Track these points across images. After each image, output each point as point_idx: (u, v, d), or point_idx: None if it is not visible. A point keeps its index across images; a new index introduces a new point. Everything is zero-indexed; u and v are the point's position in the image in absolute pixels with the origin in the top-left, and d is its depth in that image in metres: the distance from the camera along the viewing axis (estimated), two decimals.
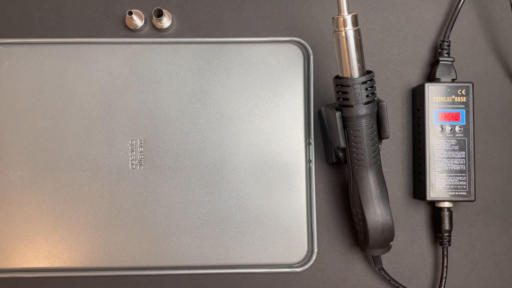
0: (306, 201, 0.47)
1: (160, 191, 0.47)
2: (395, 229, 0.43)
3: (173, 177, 0.47)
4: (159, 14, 0.47)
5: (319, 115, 0.48)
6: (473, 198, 0.46)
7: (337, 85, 0.41)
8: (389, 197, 0.44)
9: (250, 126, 0.47)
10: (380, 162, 0.43)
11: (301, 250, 0.47)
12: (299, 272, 0.47)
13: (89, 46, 0.47)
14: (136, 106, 0.47)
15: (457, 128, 0.46)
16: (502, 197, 0.49)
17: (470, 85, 0.46)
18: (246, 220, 0.46)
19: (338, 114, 0.41)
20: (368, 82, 0.40)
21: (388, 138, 0.43)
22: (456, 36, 0.49)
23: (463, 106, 0.46)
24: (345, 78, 0.40)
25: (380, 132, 0.42)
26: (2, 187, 0.46)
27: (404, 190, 0.49)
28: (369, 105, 0.41)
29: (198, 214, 0.46)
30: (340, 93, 0.41)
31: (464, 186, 0.46)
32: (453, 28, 0.48)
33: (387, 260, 0.48)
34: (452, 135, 0.46)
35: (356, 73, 0.40)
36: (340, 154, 0.44)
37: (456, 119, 0.46)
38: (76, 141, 0.47)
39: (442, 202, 0.46)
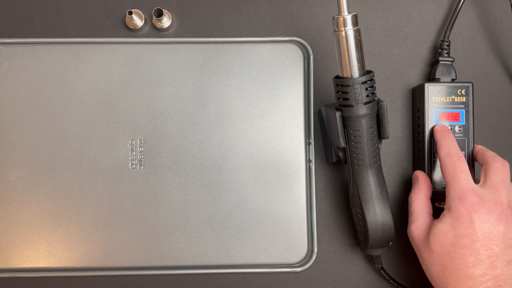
0: (306, 201, 0.47)
1: (160, 191, 0.47)
2: (395, 229, 0.43)
3: (173, 177, 0.47)
4: (159, 14, 0.47)
5: (319, 115, 0.48)
6: None
7: (337, 85, 0.41)
8: (389, 197, 0.44)
9: (250, 126, 0.47)
10: (380, 162, 0.43)
11: (301, 250, 0.47)
12: (299, 272, 0.47)
13: (89, 46, 0.47)
14: (136, 106, 0.47)
15: (456, 128, 0.46)
16: None
17: (470, 85, 0.46)
18: (246, 220, 0.46)
19: (338, 114, 0.41)
20: (368, 82, 0.40)
21: (388, 138, 0.43)
22: (456, 36, 0.49)
23: (462, 106, 0.46)
24: (345, 78, 0.40)
25: (380, 132, 0.42)
26: (2, 187, 0.46)
27: (404, 190, 0.49)
28: (369, 105, 0.41)
29: (198, 214, 0.46)
30: (340, 93, 0.41)
31: None
32: (453, 28, 0.48)
33: (387, 260, 0.48)
34: None
35: (356, 73, 0.40)
36: (340, 154, 0.44)
37: (456, 119, 0.46)
38: (76, 141, 0.47)
39: (442, 202, 0.46)
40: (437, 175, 0.46)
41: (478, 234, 0.39)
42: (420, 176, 0.45)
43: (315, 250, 0.47)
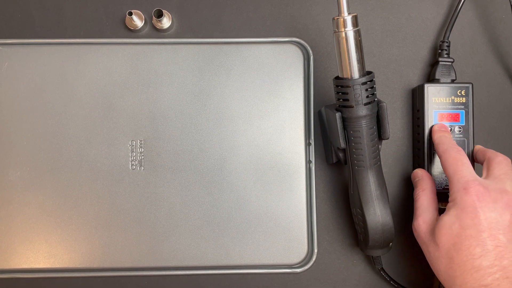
0: (306, 201, 0.47)
1: (160, 192, 0.46)
2: (395, 230, 0.43)
3: (173, 178, 0.47)
4: (159, 15, 0.47)
5: (319, 115, 0.48)
6: None
7: (337, 86, 0.41)
8: (389, 198, 0.44)
9: (250, 127, 0.47)
10: (380, 163, 0.43)
11: (301, 250, 0.47)
12: (299, 273, 0.47)
13: (89, 47, 0.47)
14: (136, 106, 0.47)
15: (456, 129, 0.46)
16: None
17: (470, 85, 0.46)
18: (246, 221, 0.46)
19: (338, 114, 0.41)
20: (368, 82, 0.40)
21: (388, 138, 0.43)
22: (456, 37, 0.49)
23: (462, 107, 0.46)
24: (345, 78, 0.40)
25: (380, 132, 0.42)
26: (2, 187, 0.46)
27: (404, 191, 0.49)
28: (369, 105, 0.41)
29: (198, 214, 0.46)
30: (340, 93, 0.41)
31: None
32: (453, 29, 0.48)
33: (387, 260, 0.48)
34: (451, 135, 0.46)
35: (356, 74, 0.40)
36: (340, 154, 0.44)
37: (456, 120, 0.46)
38: (76, 142, 0.47)
39: (442, 203, 0.46)
40: (437, 176, 0.46)
41: (484, 224, 0.38)
42: (423, 173, 0.45)
43: (315, 250, 0.47)
